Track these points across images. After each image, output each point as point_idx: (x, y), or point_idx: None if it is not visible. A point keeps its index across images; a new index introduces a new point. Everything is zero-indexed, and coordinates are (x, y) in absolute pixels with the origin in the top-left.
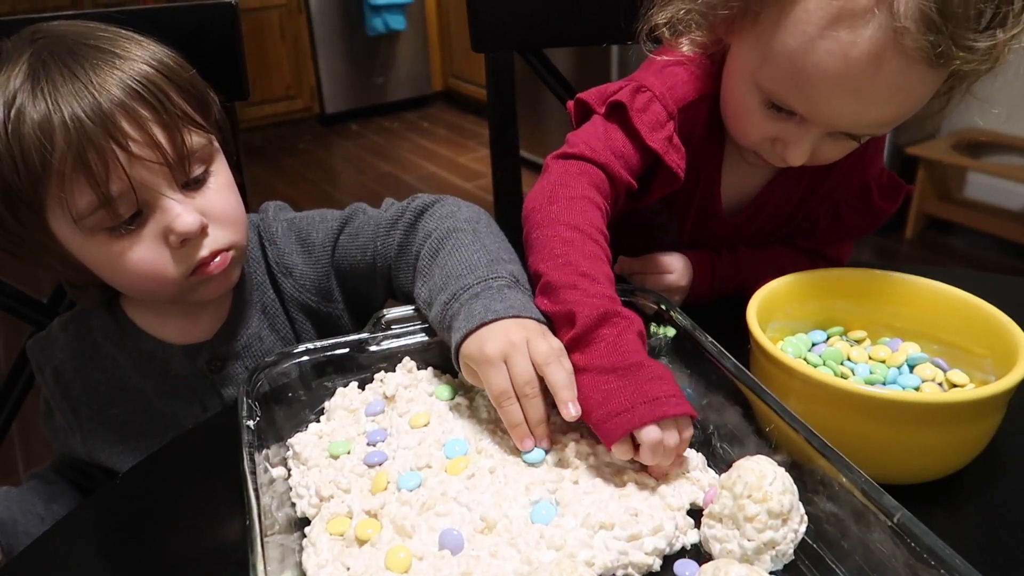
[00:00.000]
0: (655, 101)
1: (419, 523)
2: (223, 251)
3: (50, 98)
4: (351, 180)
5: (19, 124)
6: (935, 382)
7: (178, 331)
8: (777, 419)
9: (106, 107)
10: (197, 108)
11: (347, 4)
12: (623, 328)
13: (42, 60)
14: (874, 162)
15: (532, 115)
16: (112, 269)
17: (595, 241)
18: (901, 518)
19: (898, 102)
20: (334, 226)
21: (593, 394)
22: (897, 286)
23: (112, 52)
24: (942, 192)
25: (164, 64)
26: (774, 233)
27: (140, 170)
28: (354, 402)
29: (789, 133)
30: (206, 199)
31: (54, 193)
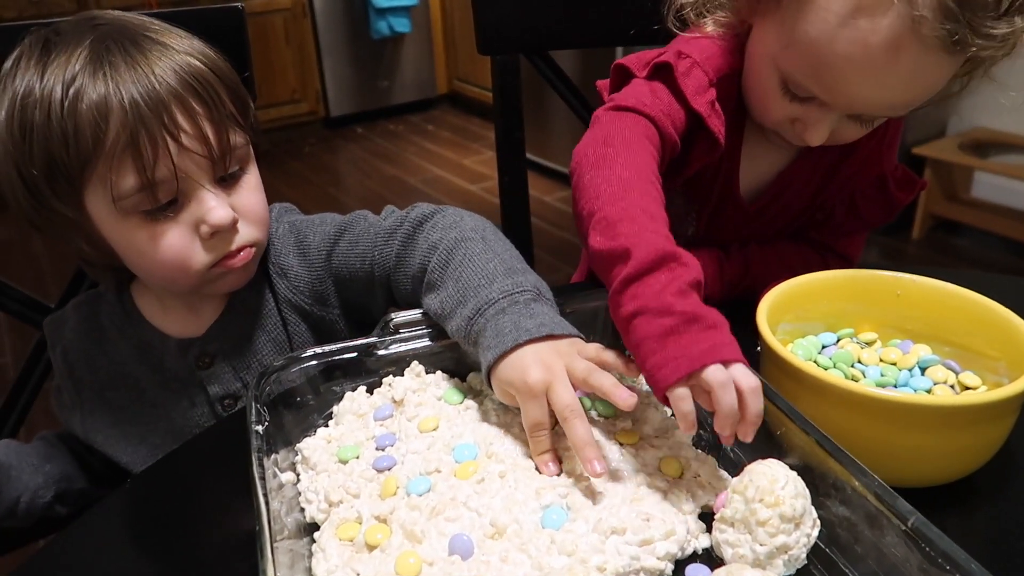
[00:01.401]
0: (696, 67)
1: (429, 528)
2: (247, 247)
3: (111, 81)
4: (356, 183)
5: (76, 102)
6: (947, 385)
7: (177, 324)
8: (788, 422)
9: (163, 96)
10: (239, 109)
11: (352, 8)
12: (679, 274)
13: (105, 45)
14: (890, 153)
15: (538, 118)
16: (138, 252)
17: (652, 183)
18: (915, 522)
19: (916, 87)
20: (332, 231)
21: (647, 340)
22: (908, 288)
23: (170, 46)
24: (949, 192)
25: (215, 63)
26: (790, 224)
27: (185, 160)
28: (363, 406)
29: (809, 115)
30: (239, 196)
31: (100, 172)
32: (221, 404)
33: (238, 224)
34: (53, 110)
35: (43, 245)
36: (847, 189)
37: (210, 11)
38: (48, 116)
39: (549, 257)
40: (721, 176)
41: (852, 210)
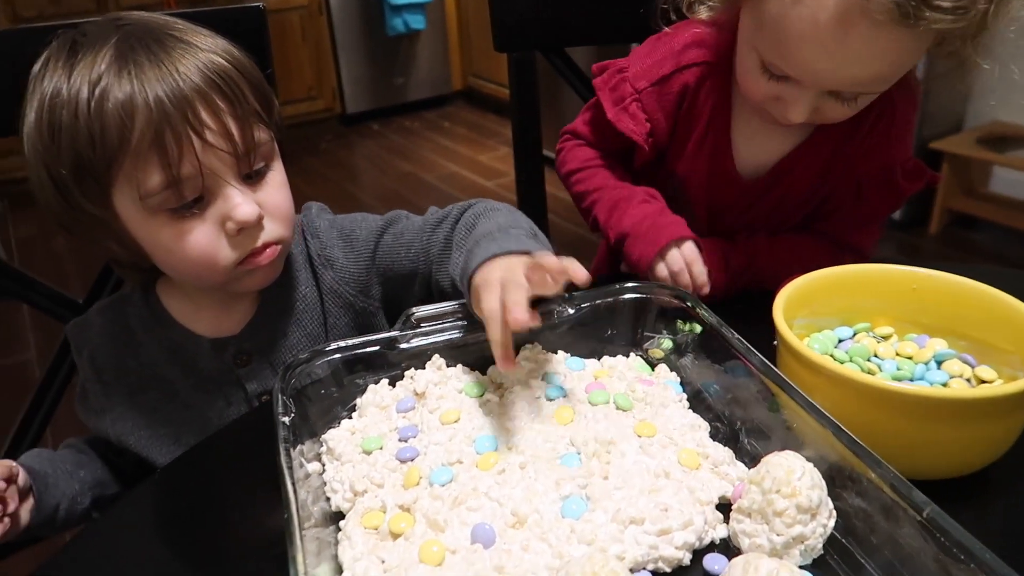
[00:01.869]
0: (625, 82)
1: (451, 517)
2: (273, 244)
3: (135, 80)
4: (372, 180)
5: (103, 102)
6: (963, 378)
7: (209, 324)
8: (805, 415)
9: (187, 93)
10: (264, 106)
11: (367, 5)
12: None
13: (130, 45)
14: (900, 145)
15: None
16: (166, 250)
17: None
18: (930, 513)
19: (876, 62)
20: (377, 225)
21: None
22: (924, 282)
23: (193, 44)
24: (966, 187)
25: (239, 60)
26: (796, 209)
27: (210, 157)
28: (385, 399)
29: (787, 93)
30: (264, 193)
31: (126, 170)
32: (259, 400)
33: (264, 221)
34: (80, 110)
35: (66, 243)
36: (852, 176)
37: (231, 11)
38: (75, 116)
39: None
40: (707, 151)
41: (859, 199)
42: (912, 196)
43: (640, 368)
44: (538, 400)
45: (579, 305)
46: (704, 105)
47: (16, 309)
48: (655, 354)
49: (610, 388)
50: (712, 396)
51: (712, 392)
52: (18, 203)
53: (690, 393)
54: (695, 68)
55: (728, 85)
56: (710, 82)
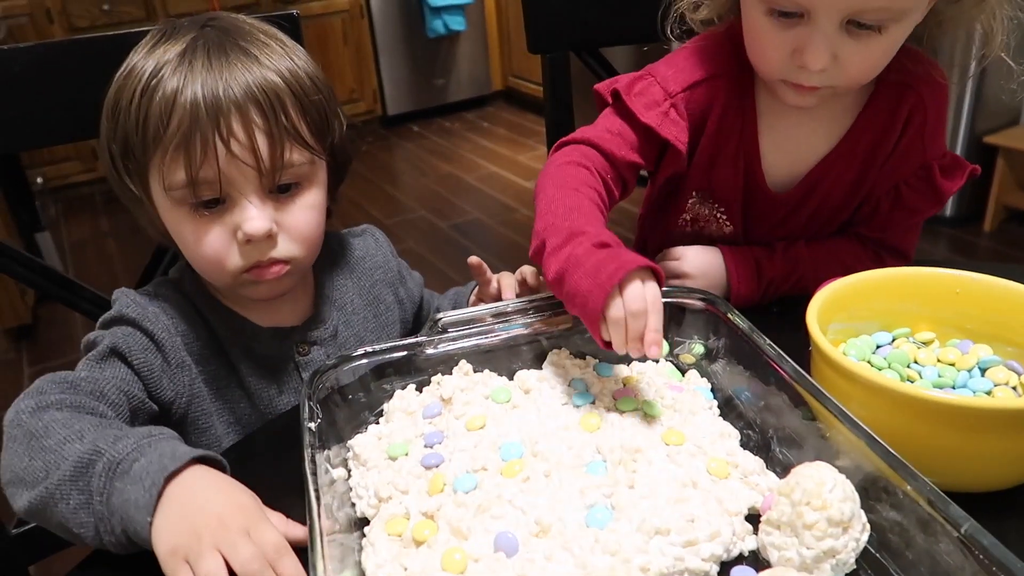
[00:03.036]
0: (655, 84)
1: (475, 525)
2: (282, 263)
3: (185, 78)
4: (412, 181)
5: (153, 93)
6: (1008, 386)
7: (262, 314)
8: (838, 424)
9: (223, 102)
10: (312, 129)
11: (408, 7)
12: (581, 242)
13: (197, 44)
14: (934, 143)
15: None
16: (184, 242)
17: (575, 190)
18: (969, 529)
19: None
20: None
21: (574, 290)
22: (967, 286)
23: (255, 56)
24: (1023, 182)
25: (296, 79)
26: (833, 218)
27: (232, 168)
28: (412, 404)
29: (801, 37)
30: (288, 212)
31: (156, 161)
32: None
33: (278, 238)
34: (136, 95)
35: (116, 245)
36: (889, 179)
37: (266, 18)
38: (131, 101)
39: None
40: (741, 169)
41: (898, 202)
42: (955, 194)
43: (670, 374)
44: (565, 407)
45: None
46: (735, 118)
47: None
48: (686, 359)
49: (639, 394)
50: (744, 403)
51: (744, 399)
52: (72, 208)
53: (721, 400)
54: (723, 79)
55: (753, 96)
56: (738, 93)
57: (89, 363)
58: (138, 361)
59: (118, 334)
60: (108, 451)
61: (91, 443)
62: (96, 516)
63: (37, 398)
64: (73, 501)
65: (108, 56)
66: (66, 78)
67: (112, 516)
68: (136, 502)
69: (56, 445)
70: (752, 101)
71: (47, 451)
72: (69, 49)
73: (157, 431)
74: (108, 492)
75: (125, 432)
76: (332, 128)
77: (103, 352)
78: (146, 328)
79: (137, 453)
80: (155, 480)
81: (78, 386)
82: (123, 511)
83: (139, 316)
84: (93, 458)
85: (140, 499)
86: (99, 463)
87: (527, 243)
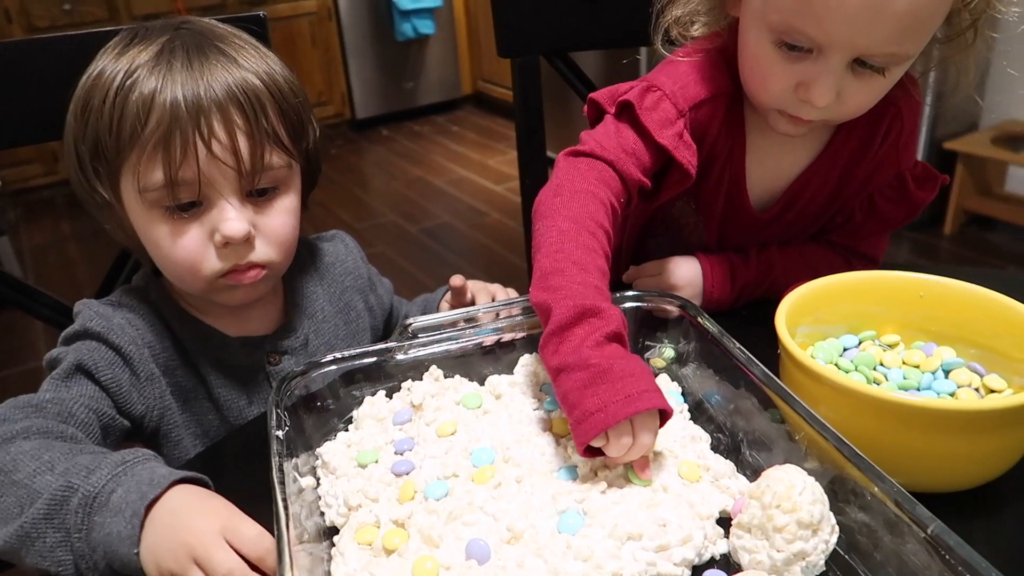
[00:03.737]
0: (665, 99)
1: (446, 533)
2: (259, 267)
3: (164, 79)
4: (382, 184)
5: (129, 92)
6: (972, 388)
7: (230, 323)
8: (807, 427)
9: (204, 102)
10: (290, 132)
11: (377, 10)
12: (596, 327)
13: (174, 46)
14: (907, 153)
15: (561, 115)
16: (156, 245)
17: (592, 233)
18: (935, 529)
19: (909, 2)
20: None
21: (568, 396)
22: (931, 289)
23: (233, 57)
24: (982, 187)
25: (275, 82)
26: (806, 229)
27: (212, 168)
28: (382, 411)
29: (808, 72)
30: (265, 215)
31: (132, 161)
32: None
33: (255, 241)
34: (109, 95)
35: (78, 250)
36: (865, 192)
37: (233, 19)
38: (103, 100)
39: None
40: (724, 189)
41: (872, 212)
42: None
43: None
44: (536, 412)
45: None
46: (725, 139)
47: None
48: (657, 363)
49: None
50: (714, 407)
51: (714, 402)
52: (32, 212)
53: (691, 403)
54: (721, 99)
55: (742, 116)
56: (730, 115)
57: (54, 382)
58: (105, 377)
59: (83, 350)
60: (82, 486)
61: (63, 477)
62: (76, 554)
63: (2, 428)
64: (50, 539)
65: (70, 57)
66: (26, 79)
67: (94, 552)
68: (119, 535)
69: (26, 479)
70: (742, 122)
71: (17, 486)
72: (29, 49)
73: (131, 455)
74: (87, 528)
75: (98, 461)
76: (308, 132)
77: (68, 370)
78: (112, 342)
79: (113, 484)
80: (136, 510)
81: (44, 409)
82: (106, 545)
83: (104, 329)
84: (67, 494)
85: (123, 531)
86: (73, 499)
87: (496, 247)
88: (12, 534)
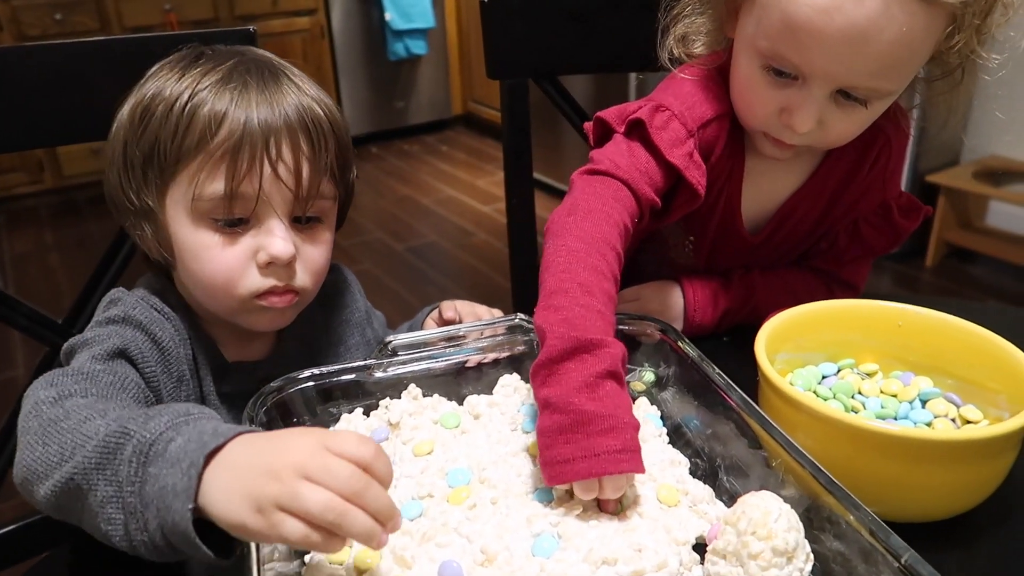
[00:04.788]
0: (674, 119)
1: (419, 554)
2: (293, 292)
3: (237, 96)
4: (370, 202)
5: (199, 104)
6: (948, 418)
7: (232, 348)
8: (784, 454)
9: (275, 122)
10: (340, 166)
11: (369, 29)
12: (590, 365)
13: (246, 67)
14: (893, 183)
15: (549, 137)
16: (195, 256)
17: (602, 255)
18: (909, 559)
19: (889, 39)
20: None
21: (544, 435)
22: (909, 319)
23: (302, 87)
24: (963, 220)
25: (335, 118)
26: (793, 251)
27: (272, 188)
28: (359, 429)
29: (792, 99)
30: (306, 242)
31: (192, 168)
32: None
33: (295, 265)
34: (176, 106)
35: (60, 259)
36: (850, 217)
37: (223, 33)
38: (170, 109)
39: None
40: (719, 210)
41: (856, 237)
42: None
43: None
44: (514, 432)
45: None
46: (726, 160)
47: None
48: (637, 387)
49: None
50: (692, 431)
51: (692, 427)
52: (14, 220)
53: (670, 428)
54: (724, 120)
55: (742, 136)
56: (731, 135)
57: (97, 361)
58: (148, 370)
59: (127, 336)
60: (138, 432)
61: (117, 422)
62: (127, 510)
63: (57, 388)
64: (100, 492)
65: (58, 65)
66: (16, 86)
67: (146, 509)
68: (174, 488)
69: (76, 425)
70: (742, 143)
71: (64, 433)
72: (17, 56)
73: (196, 409)
74: (141, 480)
75: (158, 410)
76: (352, 169)
77: (111, 351)
78: (154, 334)
79: (173, 432)
80: (194, 460)
81: (96, 377)
82: (159, 501)
83: (147, 320)
84: (121, 441)
85: (179, 484)
86: (128, 446)
87: (483, 267)
88: (58, 485)
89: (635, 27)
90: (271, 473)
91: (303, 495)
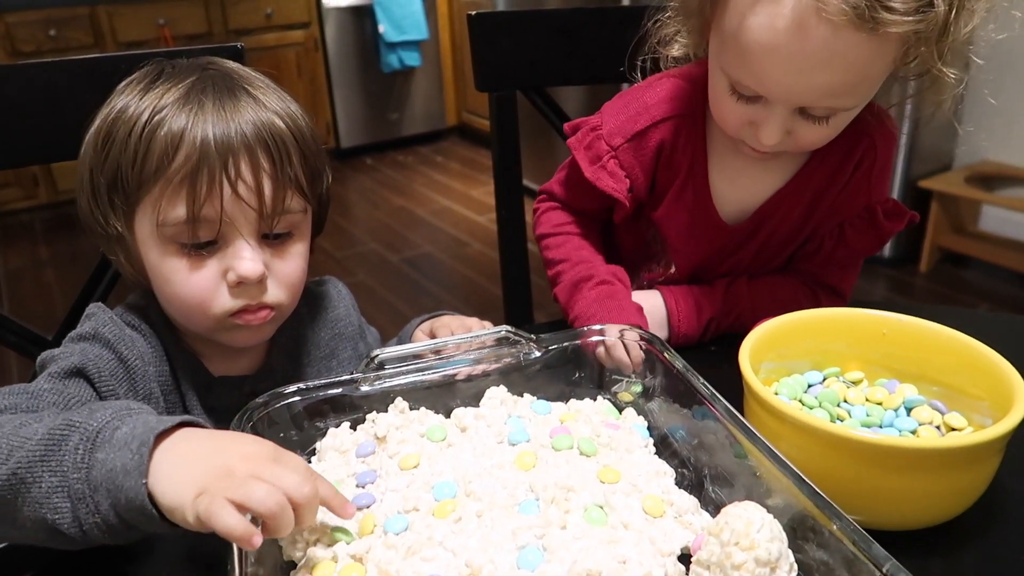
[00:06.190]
0: (600, 139)
1: (404, 568)
2: (268, 308)
3: (193, 116)
4: (364, 213)
5: (157, 128)
6: (932, 426)
7: (217, 363)
8: (767, 463)
9: (234, 142)
10: (308, 177)
11: (363, 41)
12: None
13: (203, 85)
14: (879, 185)
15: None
16: (166, 280)
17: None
18: (890, 568)
19: (837, 69)
20: None
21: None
22: (893, 327)
23: (261, 101)
24: (956, 225)
25: (298, 128)
26: (780, 251)
27: (235, 208)
28: (345, 443)
29: (758, 115)
30: (277, 258)
31: (154, 195)
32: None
33: (267, 283)
34: (135, 129)
35: (55, 275)
36: (835, 218)
37: (210, 50)
38: (129, 134)
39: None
40: (688, 201)
41: (842, 240)
42: (896, 235)
43: (608, 411)
44: (500, 445)
45: (547, 347)
46: (682, 156)
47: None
48: (624, 397)
49: (575, 432)
50: (678, 441)
51: (678, 437)
52: (9, 235)
53: (657, 438)
54: (669, 122)
55: (703, 134)
56: (685, 134)
57: (51, 379)
58: (105, 388)
59: (88, 353)
60: (83, 423)
61: (59, 418)
62: (74, 497)
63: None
64: (45, 484)
65: (51, 83)
66: (10, 103)
67: (95, 492)
68: (124, 467)
69: (11, 431)
70: (704, 140)
71: (2, 436)
72: (10, 74)
73: (137, 405)
74: (87, 466)
75: (101, 406)
76: (323, 179)
77: (68, 370)
78: (120, 352)
79: (118, 422)
80: (144, 440)
81: (40, 396)
82: (109, 482)
83: (115, 337)
84: (66, 432)
85: (128, 463)
86: (73, 436)
87: (479, 277)
88: (2, 481)
89: (620, 39)
90: (223, 467)
91: (251, 485)
